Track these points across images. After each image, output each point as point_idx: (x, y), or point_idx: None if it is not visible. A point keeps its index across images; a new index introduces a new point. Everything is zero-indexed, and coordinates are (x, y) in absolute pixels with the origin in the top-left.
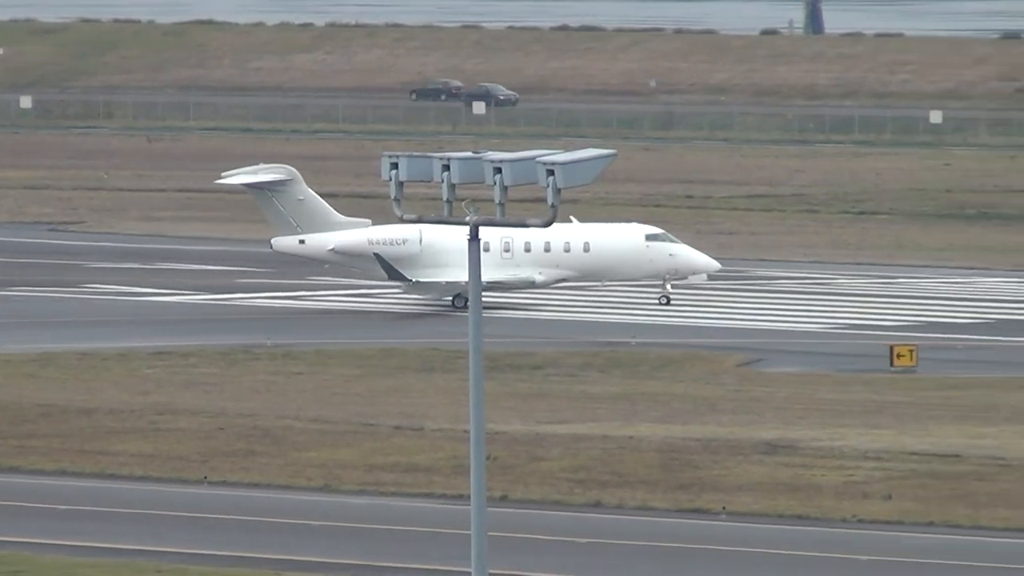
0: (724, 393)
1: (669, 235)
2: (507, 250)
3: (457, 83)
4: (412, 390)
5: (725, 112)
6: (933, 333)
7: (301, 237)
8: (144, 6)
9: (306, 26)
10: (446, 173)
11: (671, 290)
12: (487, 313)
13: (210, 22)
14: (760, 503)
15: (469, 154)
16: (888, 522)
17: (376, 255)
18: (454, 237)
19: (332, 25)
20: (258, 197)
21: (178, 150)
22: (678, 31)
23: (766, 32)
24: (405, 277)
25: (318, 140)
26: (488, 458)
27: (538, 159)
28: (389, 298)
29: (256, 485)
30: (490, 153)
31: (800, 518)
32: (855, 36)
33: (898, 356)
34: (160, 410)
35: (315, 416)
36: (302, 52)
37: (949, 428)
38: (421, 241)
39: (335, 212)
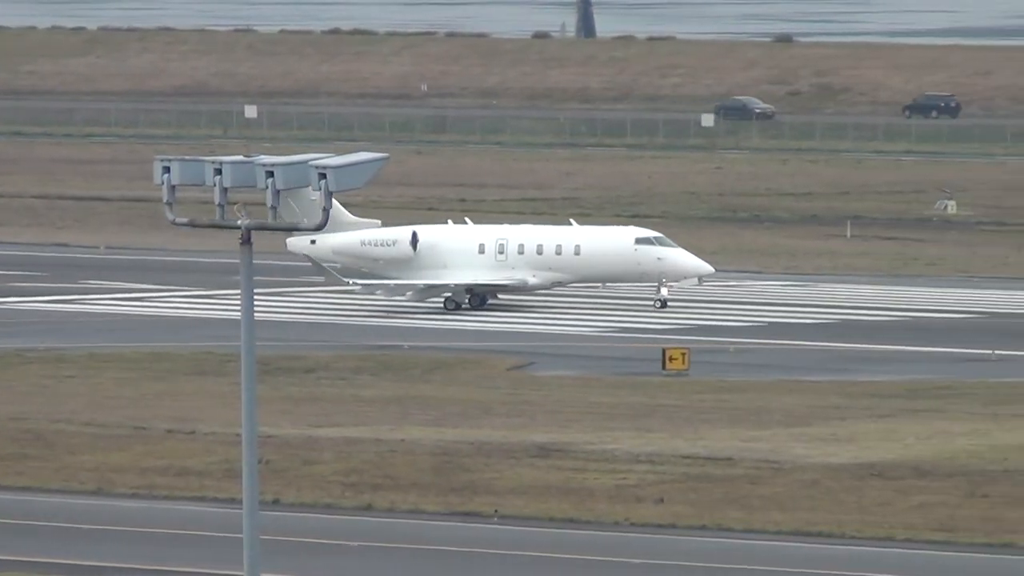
0: (496, 396)
1: (664, 239)
2: (501, 252)
3: None
4: (183, 394)
5: (497, 115)
6: (705, 336)
7: (313, 237)
8: None
9: (78, 30)
10: (218, 177)
11: (667, 294)
12: (490, 314)
13: None
14: (532, 506)
15: (241, 158)
16: (660, 525)
17: (307, 256)
18: (450, 239)
19: (104, 29)
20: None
21: None
22: (450, 34)
23: (538, 35)
24: (341, 280)
25: (90, 144)
26: (260, 462)
27: (310, 163)
28: (387, 300)
29: (28, 489)
30: (262, 157)
31: (572, 521)
32: (627, 39)
33: (670, 359)
34: None
35: (87, 419)
36: (74, 56)
37: (721, 431)
38: (416, 243)
39: (347, 213)
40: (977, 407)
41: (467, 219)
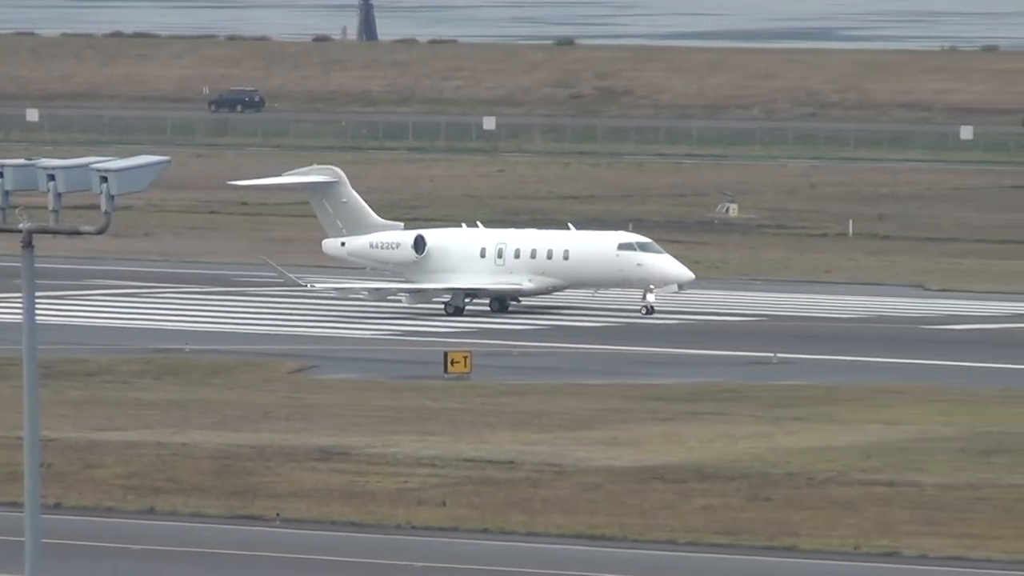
0: (277, 400)
1: (651, 245)
2: (500, 256)
3: None
4: None
5: (279, 118)
6: (487, 339)
7: (343, 240)
8: None
9: None
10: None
11: (653, 300)
12: (493, 317)
13: None
14: (314, 509)
15: (22, 161)
16: (443, 528)
17: (265, 260)
18: (456, 243)
19: None
20: (311, 198)
21: None
22: (231, 37)
23: (319, 39)
24: (298, 283)
25: None
26: (42, 465)
27: (92, 166)
28: (384, 304)
29: None
30: (44, 160)
31: (354, 524)
32: (408, 43)
33: (452, 363)
34: None
35: None
36: None
37: (504, 434)
38: (421, 246)
39: (374, 215)
40: (759, 410)
41: (479, 223)
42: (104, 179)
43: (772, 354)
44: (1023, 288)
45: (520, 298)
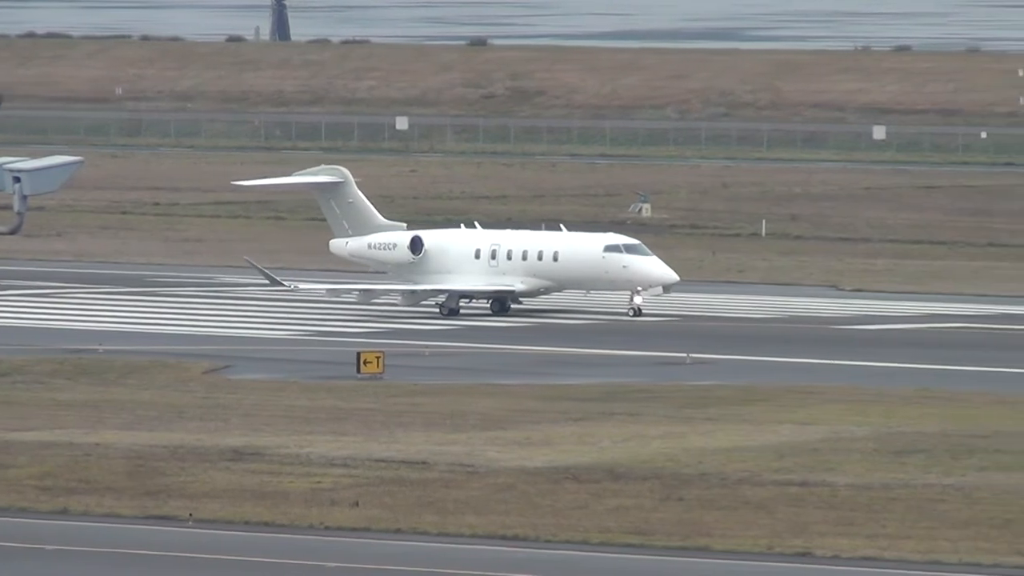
0: (191, 400)
1: (639, 247)
2: (494, 257)
3: None
4: None
5: (192, 119)
6: (400, 340)
7: (347, 240)
8: None
9: None
10: None
11: (641, 303)
12: (497, 319)
13: None
14: (227, 510)
15: None
16: (356, 529)
17: (249, 261)
18: (454, 244)
19: None
20: (319, 199)
21: None
22: (144, 38)
23: (232, 39)
24: (279, 282)
25: None
26: None
27: (4, 166)
28: (381, 305)
29: None
30: None
31: (267, 525)
32: (321, 43)
33: (365, 363)
34: None
35: None
36: None
37: (416, 435)
38: (418, 247)
39: (378, 215)
40: (672, 410)
41: (476, 223)
42: (17, 179)
43: (685, 354)
44: (936, 288)
45: (521, 299)
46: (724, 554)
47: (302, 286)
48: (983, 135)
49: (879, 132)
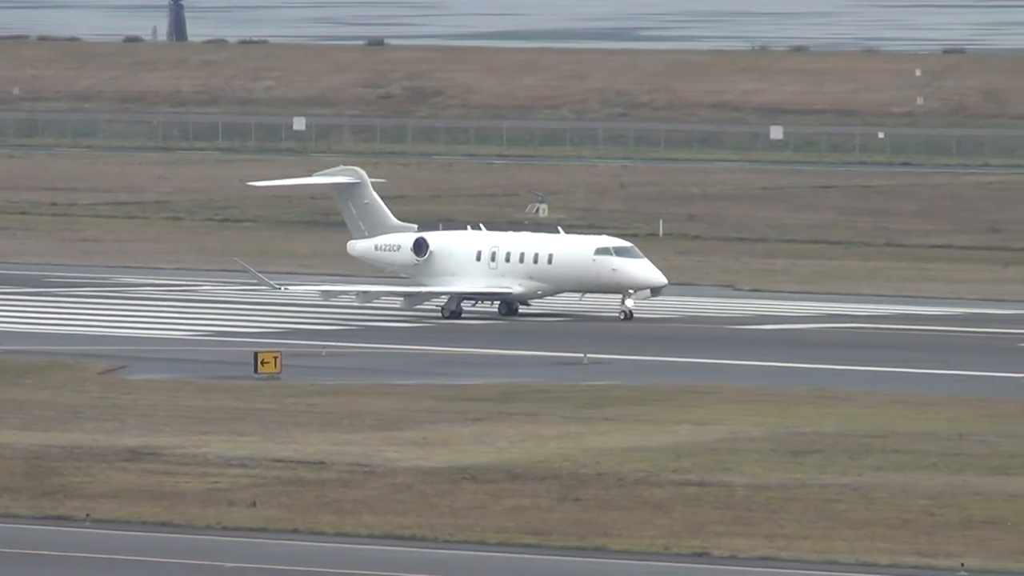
0: (87, 400)
1: (631, 250)
2: (493, 260)
3: None
4: None
5: (89, 119)
6: (297, 340)
7: (358, 242)
8: None
9: None
10: None
11: (632, 306)
12: (500, 319)
13: None
14: (124, 510)
15: None
16: (253, 529)
17: (239, 263)
18: (457, 246)
19: None
20: (337, 199)
21: None
22: (42, 38)
23: (130, 39)
24: (271, 284)
25: None
26: None
27: None
28: (381, 308)
29: None
30: None
31: (165, 525)
32: (219, 43)
33: (262, 363)
34: None
35: None
36: None
37: (314, 435)
38: (422, 249)
39: (392, 216)
40: (569, 410)
41: (482, 225)
42: None
43: (582, 354)
44: (832, 288)
45: (529, 302)
46: (621, 554)
47: (293, 288)
48: (880, 135)
49: (776, 132)
